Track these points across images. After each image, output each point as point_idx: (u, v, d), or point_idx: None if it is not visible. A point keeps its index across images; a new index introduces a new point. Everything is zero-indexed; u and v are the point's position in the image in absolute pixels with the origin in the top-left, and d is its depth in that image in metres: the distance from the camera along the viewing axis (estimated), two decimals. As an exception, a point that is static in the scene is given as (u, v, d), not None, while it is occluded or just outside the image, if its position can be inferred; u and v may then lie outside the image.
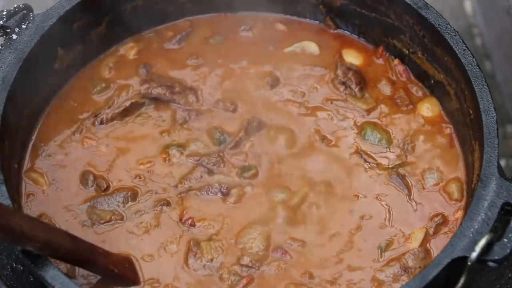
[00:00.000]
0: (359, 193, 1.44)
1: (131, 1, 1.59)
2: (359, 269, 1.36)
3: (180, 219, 1.41)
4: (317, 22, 1.64)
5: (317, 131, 1.50)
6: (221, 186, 1.44)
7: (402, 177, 1.45)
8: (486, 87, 1.37)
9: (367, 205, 1.43)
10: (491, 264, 1.23)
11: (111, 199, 1.43)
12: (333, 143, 1.49)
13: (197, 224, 1.40)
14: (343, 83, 1.55)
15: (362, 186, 1.44)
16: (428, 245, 1.39)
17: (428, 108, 1.53)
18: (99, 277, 1.34)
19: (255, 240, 1.38)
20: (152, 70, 1.58)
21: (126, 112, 1.52)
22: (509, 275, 1.45)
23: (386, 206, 1.42)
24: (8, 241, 1.24)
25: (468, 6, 2.39)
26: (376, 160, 1.47)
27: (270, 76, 1.57)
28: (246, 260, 1.37)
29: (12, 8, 1.45)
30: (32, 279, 1.42)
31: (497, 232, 1.26)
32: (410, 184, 1.45)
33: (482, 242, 1.22)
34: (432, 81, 1.53)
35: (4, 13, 1.45)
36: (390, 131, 1.50)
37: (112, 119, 1.52)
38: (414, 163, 1.47)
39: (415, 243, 1.38)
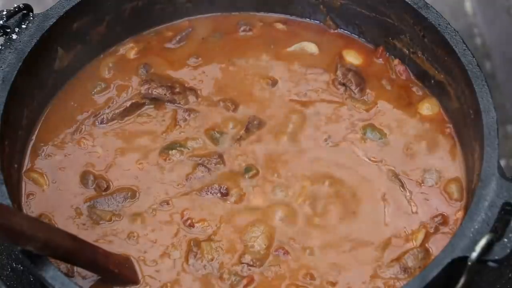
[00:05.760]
0: (359, 193, 1.44)
1: (131, 1, 1.59)
2: (359, 270, 1.36)
3: (180, 219, 1.41)
4: (317, 22, 1.64)
5: (318, 131, 1.50)
6: (221, 186, 1.44)
7: (402, 177, 1.45)
8: (486, 87, 1.37)
9: (367, 205, 1.42)
10: (491, 264, 1.22)
11: (111, 199, 1.43)
12: (333, 143, 1.49)
13: (197, 224, 1.40)
14: (343, 84, 1.55)
15: (362, 186, 1.44)
16: (427, 245, 1.39)
17: (428, 108, 1.53)
18: (98, 277, 1.34)
19: (258, 238, 1.38)
20: (152, 70, 1.58)
21: (126, 112, 1.52)
22: (509, 275, 1.45)
23: (386, 206, 1.42)
24: (8, 241, 1.24)
25: (468, 6, 2.38)
26: (376, 160, 1.47)
27: (270, 76, 1.57)
28: (247, 258, 1.37)
29: (12, 8, 1.45)
30: (32, 279, 1.42)
31: (497, 232, 1.25)
32: (410, 184, 1.44)
33: (482, 242, 1.22)
34: (432, 81, 1.53)
35: (4, 13, 1.45)
36: (390, 131, 1.50)
37: (112, 119, 1.52)
38: (414, 163, 1.47)
39: (415, 243, 1.38)
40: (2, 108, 1.38)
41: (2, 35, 1.45)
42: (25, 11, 1.47)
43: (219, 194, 1.43)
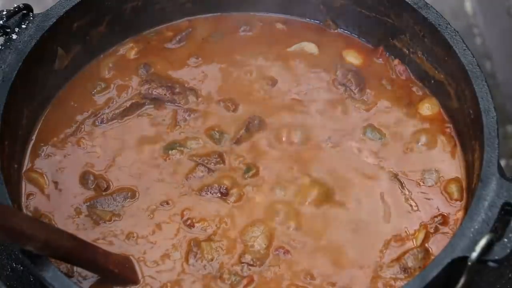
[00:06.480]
0: (359, 193, 1.44)
1: (131, 1, 1.59)
2: (359, 270, 1.36)
3: (180, 219, 1.41)
4: (317, 22, 1.64)
5: (318, 131, 1.50)
6: (221, 186, 1.44)
7: (402, 177, 1.45)
8: (486, 87, 1.37)
9: (368, 205, 1.42)
10: (491, 264, 1.22)
11: (111, 199, 1.43)
12: (333, 143, 1.49)
13: (197, 224, 1.40)
14: (343, 84, 1.55)
15: (362, 186, 1.44)
16: (427, 245, 1.39)
17: (428, 108, 1.53)
18: (98, 277, 1.34)
19: (257, 238, 1.38)
20: (152, 70, 1.58)
21: (126, 112, 1.52)
22: (509, 275, 1.45)
23: (386, 207, 1.42)
24: (8, 241, 1.24)
25: (468, 6, 2.39)
26: (376, 160, 1.47)
27: (270, 76, 1.57)
28: (247, 258, 1.37)
29: (12, 8, 1.45)
30: (32, 279, 1.42)
31: (497, 232, 1.26)
32: (409, 184, 1.44)
33: (482, 242, 1.22)
34: (432, 81, 1.53)
35: (4, 13, 1.45)
36: (390, 131, 1.50)
37: (112, 119, 1.52)
38: (413, 163, 1.47)
39: (415, 243, 1.38)
40: (2, 108, 1.38)
41: (2, 35, 1.45)
42: (25, 11, 1.47)
43: (219, 194, 1.43)
